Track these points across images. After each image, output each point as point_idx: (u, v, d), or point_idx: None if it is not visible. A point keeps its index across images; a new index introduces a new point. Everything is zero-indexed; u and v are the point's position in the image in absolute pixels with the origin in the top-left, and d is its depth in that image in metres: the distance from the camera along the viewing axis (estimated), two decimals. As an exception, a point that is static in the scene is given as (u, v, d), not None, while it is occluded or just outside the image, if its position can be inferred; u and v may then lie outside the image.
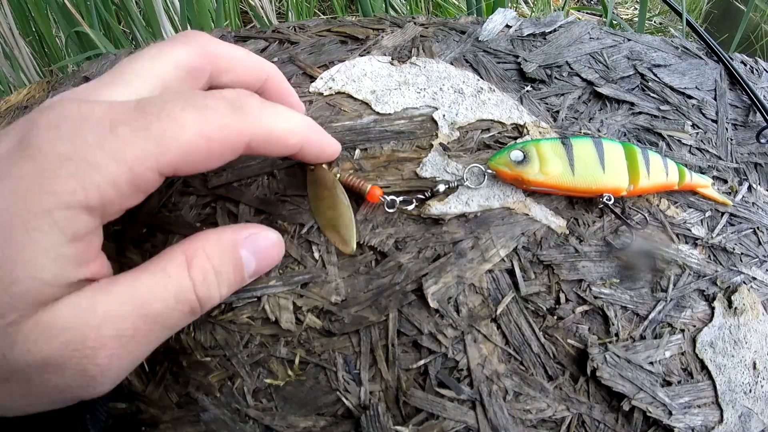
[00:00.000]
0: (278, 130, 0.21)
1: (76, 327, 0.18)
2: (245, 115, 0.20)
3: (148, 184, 0.19)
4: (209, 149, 0.19)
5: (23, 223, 0.16)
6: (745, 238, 0.29)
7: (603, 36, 0.37)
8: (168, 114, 0.18)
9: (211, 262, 0.21)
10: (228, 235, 0.22)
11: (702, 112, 0.34)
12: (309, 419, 0.23)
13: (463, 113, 0.31)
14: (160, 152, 0.18)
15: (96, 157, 0.17)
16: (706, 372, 0.26)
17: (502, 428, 0.23)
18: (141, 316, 0.19)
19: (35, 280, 0.17)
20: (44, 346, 0.17)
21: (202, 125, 0.19)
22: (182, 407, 0.23)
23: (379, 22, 0.37)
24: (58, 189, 0.17)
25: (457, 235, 0.27)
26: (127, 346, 0.19)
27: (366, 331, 0.24)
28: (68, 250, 0.17)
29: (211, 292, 0.21)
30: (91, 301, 0.18)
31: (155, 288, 0.19)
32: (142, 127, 0.18)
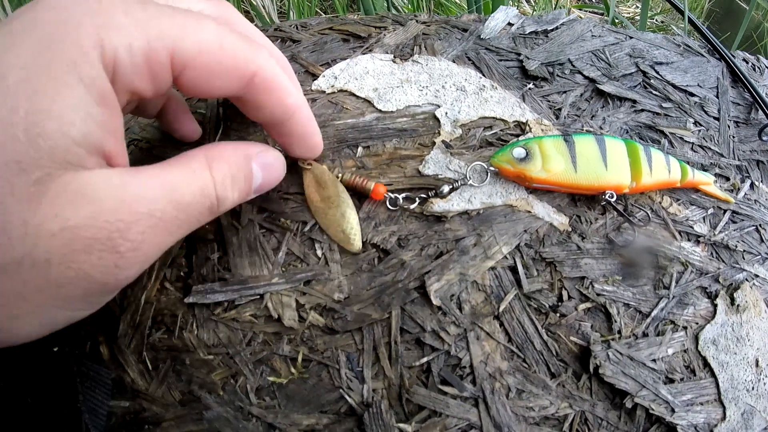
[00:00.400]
0: (282, 79, 0.22)
1: (106, 198, 0.17)
2: (257, 50, 0.21)
3: (159, 68, 0.18)
4: (220, 60, 0.19)
5: (50, 73, 0.16)
6: (748, 236, 0.29)
7: (605, 34, 0.37)
8: (193, 15, 0.19)
9: (228, 166, 0.21)
10: (242, 147, 0.23)
11: (704, 109, 0.34)
12: (312, 417, 0.23)
13: (465, 111, 0.31)
14: (179, 37, 0.18)
15: (119, 17, 0.17)
16: (709, 369, 0.26)
17: (505, 426, 0.23)
18: (171, 201, 0.19)
19: (65, 136, 0.16)
20: (72, 212, 0.16)
21: (220, 34, 0.19)
22: (185, 405, 0.23)
23: (381, 20, 0.37)
24: (83, 41, 0.16)
25: (460, 233, 0.27)
26: (156, 227, 0.18)
27: (369, 328, 0.24)
28: (96, 113, 0.17)
29: (227, 194, 0.21)
30: (122, 179, 0.17)
31: (183, 179, 0.19)
32: (168, 12, 0.18)
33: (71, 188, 0.16)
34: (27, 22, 0.16)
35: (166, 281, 0.25)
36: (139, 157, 0.29)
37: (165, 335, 0.24)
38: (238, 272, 0.25)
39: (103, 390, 0.24)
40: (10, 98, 0.15)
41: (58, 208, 0.16)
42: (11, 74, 0.15)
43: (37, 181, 0.16)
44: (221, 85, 0.20)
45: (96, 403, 0.23)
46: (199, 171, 0.20)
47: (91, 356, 0.24)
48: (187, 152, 0.21)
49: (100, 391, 0.24)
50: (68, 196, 0.16)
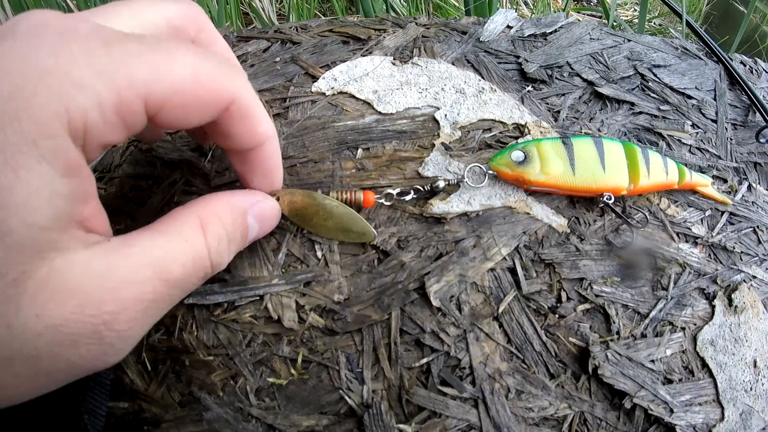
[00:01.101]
0: (257, 108, 0.21)
1: (90, 288, 0.16)
2: (234, 77, 0.19)
3: (134, 117, 0.17)
4: (197, 95, 0.18)
5: (6, 160, 0.14)
6: (745, 237, 0.30)
7: (603, 36, 0.38)
8: (164, 48, 0.17)
9: (224, 228, 0.20)
10: (238, 200, 0.21)
11: (702, 112, 0.34)
12: (312, 418, 0.23)
13: (464, 113, 0.31)
14: (153, 80, 0.16)
15: (82, 73, 0.15)
16: (707, 370, 0.26)
17: (505, 426, 0.23)
18: (162, 280, 0.18)
19: (31, 226, 0.15)
20: (55, 310, 0.15)
21: (195, 67, 0.18)
22: (185, 406, 0.23)
23: (381, 22, 0.37)
24: (39, 112, 0.14)
25: (459, 234, 0.27)
26: (146, 311, 0.17)
27: (368, 329, 0.24)
28: (62, 187, 0.15)
29: (222, 258, 0.20)
30: (106, 262, 0.16)
31: (174, 251, 0.18)
32: (137, 51, 0.16)
33: (50, 283, 0.15)
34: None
35: (166, 282, 0.25)
36: (138, 158, 0.29)
37: (164, 336, 0.24)
38: (237, 273, 0.25)
39: (102, 391, 0.24)
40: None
41: (39, 308, 0.15)
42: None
43: (12, 283, 0.15)
44: (197, 118, 0.19)
45: (95, 404, 0.23)
46: (191, 239, 0.19)
47: (91, 357, 0.24)
48: (181, 213, 0.20)
49: (99, 392, 0.24)
50: (48, 293, 0.15)
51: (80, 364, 0.17)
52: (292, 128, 0.30)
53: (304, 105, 0.31)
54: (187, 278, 0.19)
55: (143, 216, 0.27)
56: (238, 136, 0.21)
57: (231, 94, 0.19)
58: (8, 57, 0.15)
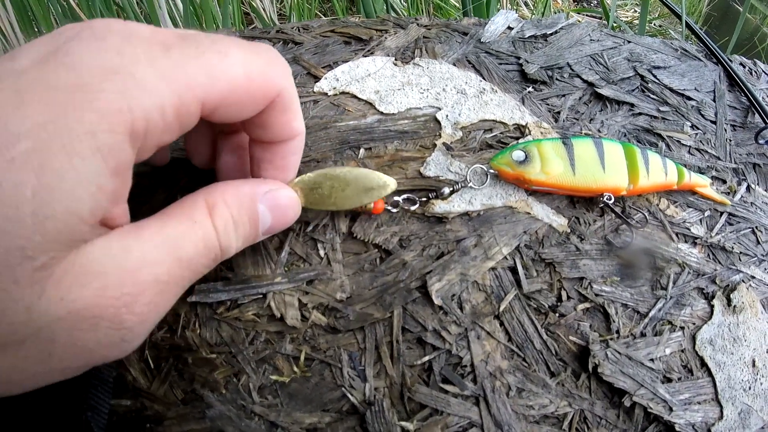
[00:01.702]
0: (297, 101, 0.21)
1: (111, 271, 0.16)
2: (281, 69, 0.20)
3: (189, 118, 0.17)
4: (249, 91, 0.18)
5: (63, 145, 0.14)
6: (744, 238, 0.30)
7: (603, 38, 0.38)
8: (219, 48, 0.18)
9: (230, 212, 0.20)
10: (247, 188, 0.21)
11: (701, 113, 0.35)
12: (314, 415, 0.23)
13: (465, 113, 0.31)
14: (209, 83, 0.17)
15: (147, 75, 0.15)
16: (706, 369, 0.26)
17: (505, 424, 0.23)
18: (175, 260, 0.18)
19: (73, 215, 0.15)
20: (78, 293, 0.15)
21: (248, 65, 0.18)
22: (187, 404, 0.24)
23: (383, 23, 0.37)
24: (104, 106, 0.14)
25: (461, 234, 0.27)
26: (163, 292, 0.17)
27: (371, 327, 0.25)
28: (109, 184, 0.15)
29: (230, 241, 0.20)
30: (123, 245, 0.16)
31: (185, 233, 0.18)
32: (194, 54, 0.17)
33: (76, 267, 0.15)
34: (40, 81, 0.14)
35: (169, 280, 0.25)
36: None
37: (167, 334, 0.24)
38: (240, 271, 0.25)
39: (105, 388, 0.24)
40: (17, 171, 0.14)
41: (64, 291, 0.15)
42: (18, 143, 0.14)
43: (41, 267, 0.15)
44: (248, 112, 0.20)
45: (98, 402, 0.23)
46: (200, 221, 0.19)
47: (94, 355, 0.24)
48: (188, 198, 0.20)
49: (101, 390, 0.24)
50: (73, 277, 0.15)
51: (95, 351, 0.17)
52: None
53: (306, 105, 0.31)
54: (199, 258, 0.19)
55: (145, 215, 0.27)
56: (275, 127, 0.21)
57: (278, 87, 0.20)
58: (74, 54, 0.15)
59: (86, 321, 0.16)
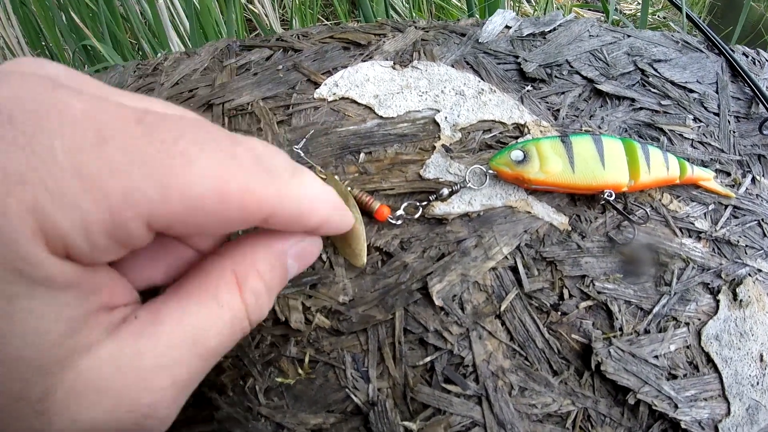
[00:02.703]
0: (305, 205, 0.17)
1: (123, 385, 0.14)
2: (272, 180, 0.16)
3: (131, 240, 0.14)
4: (220, 213, 0.14)
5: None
6: (750, 230, 0.30)
7: (603, 33, 0.38)
8: (182, 150, 0.13)
9: (263, 281, 0.18)
10: (276, 244, 0.18)
11: (704, 105, 0.34)
12: (319, 416, 0.24)
13: (464, 115, 0.32)
14: (159, 198, 0.13)
15: (64, 183, 0.12)
16: (712, 365, 0.26)
17: (508, 423, 0.23)
18: (196, 355, 0.16)
19: (42, 347, 0.13)
20: (90, 413, 0.14)
21: (221, 180, 0.14)
22: (196, 406, 0.24)
23: (381, 27, 0.37)
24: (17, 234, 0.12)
25: (461, 234, 0.27)
26: (185, 389, 0.16)
27: (373, 329, 0.25)
28: (66, 298, 0.13)
29: (262, 311, 0.18)
30: (135, 349, 0.15)
31: (208, 321, 0.16)
32: (143, 155, 0.13)
33: (80, 387, 0.14)
34: None
35: (177, 287, 0.26)
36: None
37: (176, 339, 0.25)
38: (245, 277, 0.26)
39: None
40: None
41: (74, 414, 0.14)
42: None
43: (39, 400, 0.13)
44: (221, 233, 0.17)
45: None
46: (228, 303, 0.17)
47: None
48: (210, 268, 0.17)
49: None
50: (80, 398, 0.14)
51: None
52: (295, 134, 0.31)
53: (306, 111, 0.32)
54: (223, 345, 0.17)
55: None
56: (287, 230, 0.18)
57: (268, 208, 0.16)
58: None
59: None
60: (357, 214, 0.26)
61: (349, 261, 0.26)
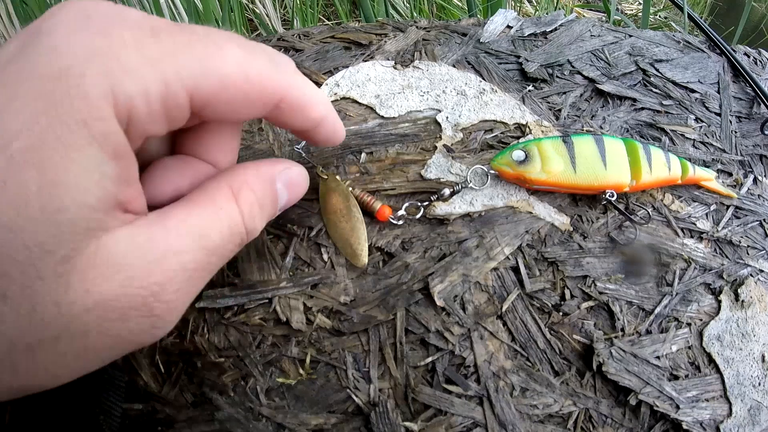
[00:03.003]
0: (308, 96, 0.20)
1: (136, 262, 0.16)
2: (282, 71, 0.19)
3: (178, 110, 0.16)
4: (245, 91, 0.18)
5: (58, 137, 0.14)
6: (752, 231, 0.29)
7: (604, 33, 0.38)
8: (214, 41, 0.17)
9: (255, 195, 0.20)
10: (266, 168, 0.21)
11: (705, 105, 0.34)
12: (320, 417, 0.24)
13: (466, 115, 0.32)
14: (201, 74, 0.16)
15: (131, 58, 0.15)
16: (714, 366, 0.26)
17: (510, 423, 0.23)
18: (201, 248, 0.18)
19: (82, 205, 0.15)
20: (105, 284, 0.15)
21: (245, 63, 0.17)
22: (197, 407, 0.24)
23: (382, 27, 0.37)
24: (90, 91, 0.14)
25: (462, 235, 0.27)
26: (190, 279, 0.18)
27: (374, 329, 0.25)
28: (111, 170, 0.15)
29: (255, 223, 0.20)
30: (148, 235, 0.16)
31: (210, 220, 0.18)
32: (186, 42, 0.16)
33: (98, 259, 0.15)
34: (24, 70, 0.14)
35: (178, 287, 0.26)
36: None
37: (177, 339, 0.25)
38: (247, 277, 0.26)
39: (117, 392, 0.24)
40: (17, 170, 0.14)
41: (89, 284, 0.15)
42: (14, 141, 0.14)
43: (62, 260, 0.15)
44: (245, 114, 0.19)
45: (110, 405, 0.24)
46: (225, 207, 0.19)
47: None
48: (211, 184, 0.20)
49: (114, 393, 0.24)
50: (97, 269, 0.15)
51: (129, 339, 0.17)
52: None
53: (307, 111, 0.32)
54: (225, 245, 0.19)
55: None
56: (293, 124, 0.21)
57: (281, 92, 0.19)
58: (55, 35, 0.15)
59: (115, 311, 0.16)
60: (358, 214, 0.26)
61: (351, 261, 0.26)
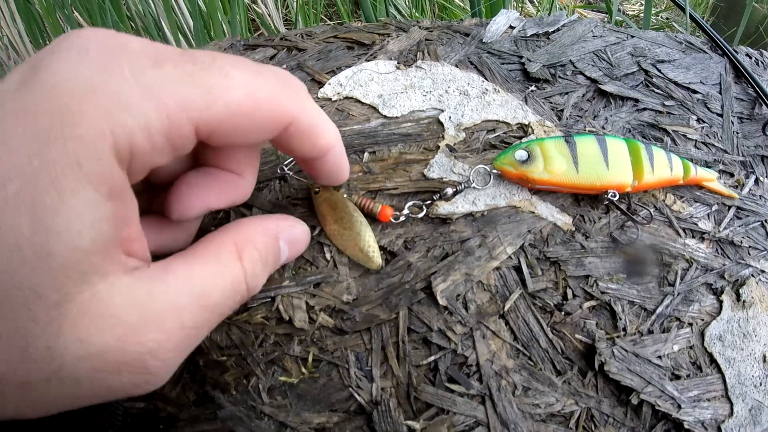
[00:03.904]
0: (318, 122, 0.20)
1: (133, 317, 0.16)
2: (293, 95, 0.19)
3: (183, 141, 0.16)
4: (254, 117, 0.17)
5: (50, 180, 0.14)
6: (753, 231, 0.30)
7: (606, 33, 0.38)
8: (220, 67, 0.17)
9: (259, 253, 0.20)
10: (271, 225, 0.22)
11: (707, 106, 0.34)
12: (322, 415, 0.24)
13: (468, 114, 0.32)
14: (206, 104, 0.16)
15: (130, 91, 0.15)
16: (715, 365, 0.26)
17: (512, 422, 0.23)
18: (202, 306, 0.18)
19: (75, 250, 0.14)
20: (98, 336, 0.15)
21: (253, 89, 0.17)
22: (199, 405, 0.24)
23: (385, 27, 0.37)
24: (85, 131, 0.14)
25: (465, 234, 0.27)
26: (188, 338, 0.17)
27: (377, 328, 0.25)
28: (106, 210, 0.15)
29: (258, 281, 0.21)
30: (148, 290, 0.16)
31: (212, 277, 0.18)
32: (190, 72, 0.16)
33: (92, 308, 0.15)
34: (22, 109, 0.14)
35: (180, 286, 0.26)
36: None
37: (180, 338, 0.25)
38: (249, 276, 0.26)
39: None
40: (11, 213, 0.14)
41: (82, 333, 0.15)
42: (8, 183, 0.14)
43: (55, 305, 0.14)
44: (253, 139, 0.19)
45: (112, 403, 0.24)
46: (229, 264, 0.19)
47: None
48: (215, 238, 0.20)
49: None
50: (90, 318, 0.15)
51: (120, 390, 0.17)
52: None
53: (310, 110, 0.32)
54: (225, 302, 0.19)
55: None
56: (299, 150, 0.21)
57: (290, 115, 0.19)
58: (53, 71, 0.14)
59: (109, 365, 0.15)
60: (360, 218, 0.26)
61: (366, 266, 0.26)
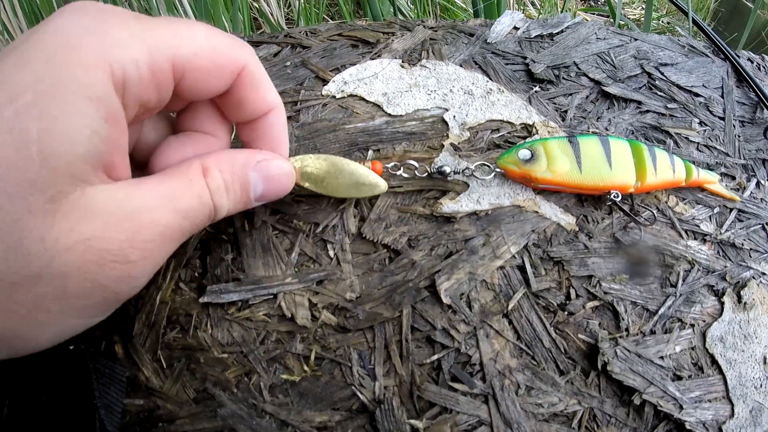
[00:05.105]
0: (266, 77, 0.23)
1: (114, 211, 0.18)
2: (244, 47, 0.22)
3: (163, 77, 0.19)
4: (214, 60, 0.20)
5: (58, 95, 0.16)
6: (754, 234, 0.30)
7: (610, 36, 0.38)
8: (185, 21, 0.20)
9: (222, 176, 0.22)
10: (241, 155, 0.23)
11: (709, 109, 0.35)
12: (324, 414, 0.24)
13: (473, 114, 0.32)
14: (176, 45, 0.19)
15: (120, 34, 0.18)
16: (717, 367, 0.26)
17: (515, 422, 0.23)
18: (172, 210, 0.20)
19: (72, 154, 0.17)
20: (86, 226, 0.17)
21: (211, 36, 0.21)
22: (199, 403, 0.24)
23: (390, 26, 0.37)
24: (87, 60, 0.17)
25: (469, 233, 0.27)
26: (162, 235, 0.19)
27: (380, 327, 0.25)
28: (103, 130, 0.17)
29: (222, 202, 0.22)
30: (125, 193, 0.19)
31: (181, 188, 0.20)
32: (162, 23, 0.19)
33: (82, 204, 0.17)
34: (34, 45, 0.17)
35: (181, 282, 0.26)
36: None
37: (179, 334, 0.25)
38: (251, 272, 0.26)
39: (118, 387, 0.24)
40: (21, 119, 0.16)
41: (73, 223, 0.17)
42: (21, 96, 0.16)
43: (51, 199, 0.16)
44: (216, 84, 0.21)
45: (111, 400, 0.24)
46: (195, 180, 0.21)
47: (106, 354, 0.24)
48: (185, 162, 0.22)
49: (114, 389, 0.24)
50: (80, 212, 0.17)
51: (107, 286, 0.19)
52: (303, 131, 0.30)
53: (315, 108, 0.32)
54: (194, 211, 0.21)
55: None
56: (249, 103, 0.23)
57: (242, 61, 0.22)
58: (57, 21, 0.17)
59: (93, 253, 0.17)
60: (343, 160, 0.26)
61: (375, 194, 0.27)
